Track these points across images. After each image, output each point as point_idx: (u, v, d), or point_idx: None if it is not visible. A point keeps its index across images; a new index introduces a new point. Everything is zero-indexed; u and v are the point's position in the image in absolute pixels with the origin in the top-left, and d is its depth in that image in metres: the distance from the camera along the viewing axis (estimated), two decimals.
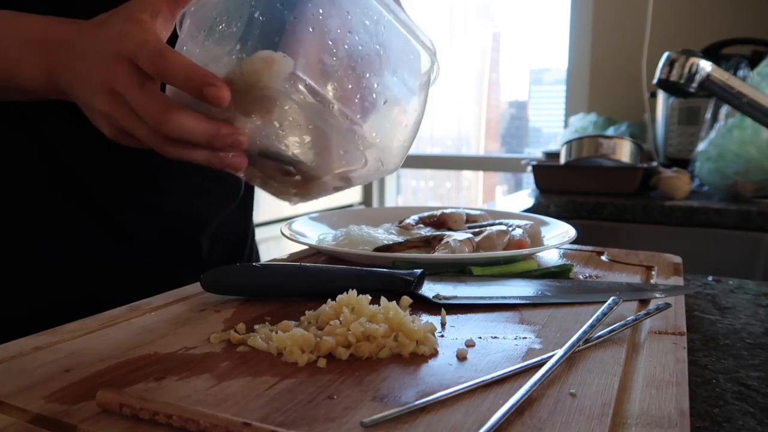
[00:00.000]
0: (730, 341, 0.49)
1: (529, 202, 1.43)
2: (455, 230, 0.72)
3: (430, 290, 0.52)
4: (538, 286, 0.54)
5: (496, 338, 0.43)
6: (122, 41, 0.41)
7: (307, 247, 0.68)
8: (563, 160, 1.53)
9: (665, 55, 0.98)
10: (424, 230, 0.74)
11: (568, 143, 1.53)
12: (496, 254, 0.62)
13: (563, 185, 1.54)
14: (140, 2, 0.43)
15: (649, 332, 0.44)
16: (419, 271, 0.53)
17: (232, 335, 0.42)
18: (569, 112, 2.16)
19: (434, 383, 0.35)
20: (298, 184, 0.47)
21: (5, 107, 0.56)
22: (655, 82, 1.01)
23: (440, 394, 0.33)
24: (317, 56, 0.41)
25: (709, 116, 1.50)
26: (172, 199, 0.67)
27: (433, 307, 0.49)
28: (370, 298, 0.43)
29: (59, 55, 0.46)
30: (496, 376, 0.35)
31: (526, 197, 1.50)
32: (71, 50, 0.45)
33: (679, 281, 0.60)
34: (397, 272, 0.52)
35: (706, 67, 0.95)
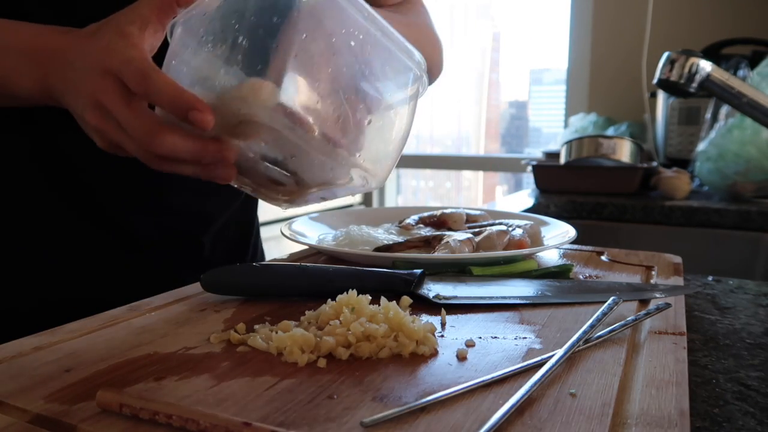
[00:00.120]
0: (730, 341, 0.49)
1: (529, 202, 1.43)
2: (455, 230, 0.72)
3: (430, 290, 0.52)
4: (538, 286, 0.54)
5: (496, 338, 0.43)
6: (109, 56, 0.41)
7: (307, 247, 0.68)
8: (563, 160, 1.53)
9: (665, 55, 0.98)
10: (424, 230, 0.74)
11: (568, 143, 1.53)
12: (496, 254, 0.62)
13: (563, 185, 1.54)
14: (130, 13, 0.43)
15: (649, 332, 0.44)
16: (419, 271, 0.53)
17: (232, 335, 0.42)
18: (569, 112, 2.16)
19: (434, 383, 0.35)
20: (287, 191, 0.48)
21: (7, 109, 0.56)
22: (655, 82, 1.01)
23: (440, 394, 0.33)
24: (301, 82, 0.41)
25: (709, 116, 1.50)
26: (174, 198, 0.67)
27: (433, 307, 0.49)
28: (370, 298, 0.43)
29: (52, 64, 0.45)
30: (496, 376, 0.35)
31: (526, 197, 1.50)
32: (63, 60, 0.45)
33: (679, 281, 0.60)
34: (397, 272, 0.52)
35: (706, 67, 0.95)
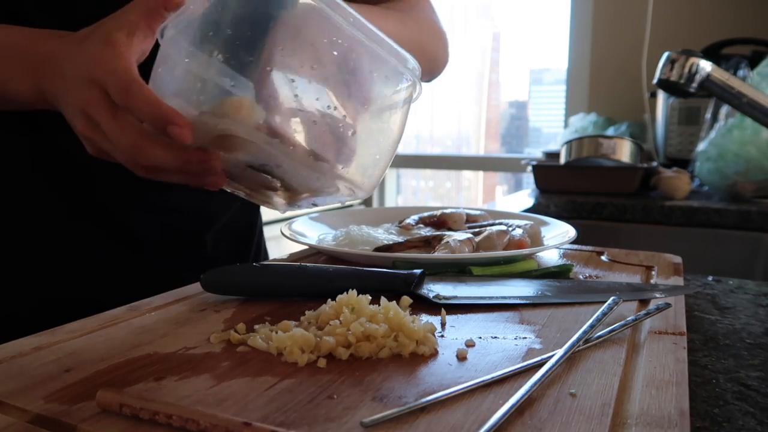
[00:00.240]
0: (730, 341, 0.49)
1: (529, 202, 1.43)
2: (455, 230, 0.72)
3: (430, 290, 0.52)
4: (538, 286, 0.54)
5: (496, 338, 0.43)
6: (95, 66, 0.41)
7: (307, 247, 0.68)
8: (563, 160, 1.53)
9: (665, 55, 0.98)
10: (424, 230, 0.74)
11: (568, 143, 1.53)
12: (496, 254, 0.62)
13: (563, 185, 1.54)
14: (118, 19, 0.43)
15: (649, 332, 0.44)
16: (419, 271, 0.53)
17: (232, 335, 0.42)
18: (569, 112, 2.16)
19: (434, 383, 0.35)
20: (281, 195, 0.47)
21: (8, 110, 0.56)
22: (655, 82, 1.01)
23: (440, 394, 0.33)
24: (281, 95, 0.40)
25: (709, 116, 1.50)
26: (176, 197, 0.67)
27: (433, 307, 0.49)
28: (370, 298, 0.43)
29: (45, 70, 0.45)
30: (496, 376, 0.35)
31: (526, 197, 1.50)
32: (55, 66, 0.45)
33: (679, 281, 0.60)
34: (397, 272, 0.52)
35: (706, 67, 0.95)
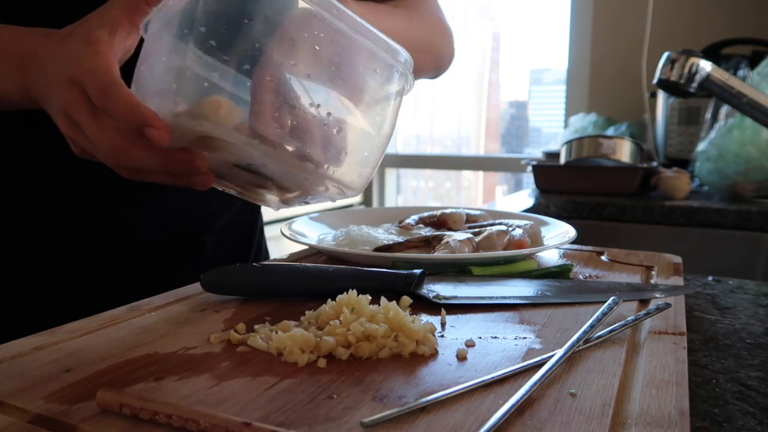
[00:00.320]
0: (730, 341, 0.49)
1: (529, 202, 1.43)
2: (455, 230, 0.72)
3: (430, 290, 0.52)
4: (538, 286, 0.54)
5: (496, 338, 0.43)
6: (75, 65, 0.40)
7: (307, 247, 0.68)
8: (563, 160, 1.53)
9: (665, 55, 0.98)
10: (424, 230, 0.74)
11: (568, 143, 1.53)
12: (496, 254, 0.62)
13: (563, 185, 1.54)
14: (100, 16, 0.42)
15: (649, 332, 0.44)
16: (419, 271, 0.53)
17: (232, 335, 0.42)
18: (569, 112, 2.16)
19: (434, 383, 0.35)
20: (273, 193, 0.47)
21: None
22: (655, 82, 1.01)
23: (440, 394, 0.33)
24: (262, 96, 0.39)
25: (709, 116, 1.50)
26: (175, 197, 0.67)
27: (433, 307, 0.49)
28: (370, 298, 0.43)
29: (29, 69, 0.45)
30: (496, 376, 0.35)
31: (526, 197, 1.50)
32: (38, 65, 0.44)
33: (679, 281, 0.60)
34: (397, 272, 0.52)
35: (706, 67, 0.95)
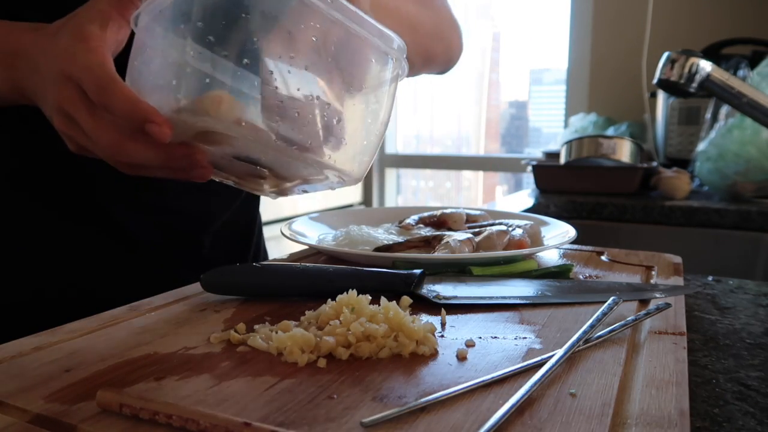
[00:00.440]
0: (730, 341, 0.49)
1: (529, 202, 1.43)
2: (455, 230, 0.72)
3: (430, 290, 0.52)
4: (538, 286, 0.54)
5: (496, 338, 0.43)
6: (69, 62, 0.40)
7: (307, 247, 0.68)
8: (563, 160, 1.53)
9: (665, 55, 0.98)
10: (424, 230, 0.74)
11: (568, 143, 1.53)
12: (496, 254, 0.62)
13: (563, 185, 1.54)
14: (88, 9, 0.41)
15: (649, 332, 0.44)
16: (419, 271, 0.53)
17: (232, 335, 0.42)
18: (569, 112, 2.16)
19: (434, 383, 0.35)
20: (270, 183, 0.47)
21: (3, 108, 0.56)
22: (655, 82, 1.01)
23: (440, 394, 0.33)
24: (261, 88, 0.39)
25: (709, 116, 1.50)
26: (173, 198, 0.67)
27: (433, 307, 0.49)
28: (370, 298, 0.43)
29: (19, 65, 0.44)
30: (496, 376, 0.35)
31: (526, 197, 1.50)
32: (29, 61, 0.44)
33: (679, 281, 0.60)
34: (397, 272, 0.52)
35: (706, 67, 0.95)
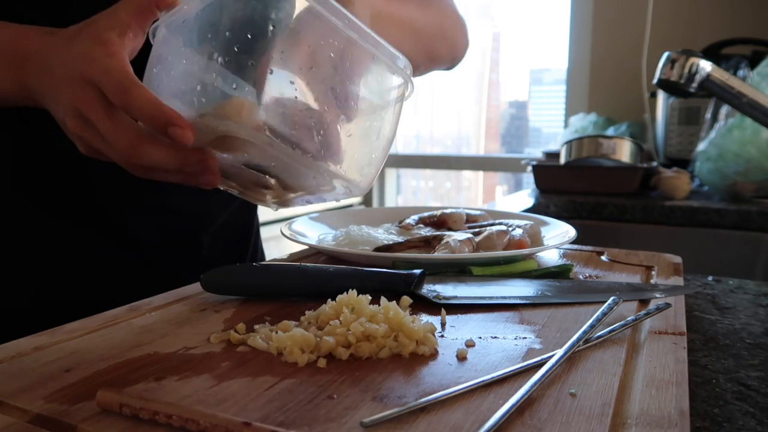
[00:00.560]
0: (730, 341, 0.49)
1: (529, 202, 1.43)
2: (455, 230, 0.72)
3: (430, 290, 0.52)
4: (538, 286, 0.54)
5: (496, 338, 0.43)
6: (88, 65, 0.40)
7: (307, 247, 0.68)
8: (563, 160, 1.53)
9: (665, 55, 0.98)
10: (424, 230, 0.74)
11: (568, 143, 1.53)
12: (496, 254, 0.62)
13: (563, 185, 1.54)
14: (109, 17, 0.42)
15: (649, 332, 0.44)
16: (419, 271, 0.53)
17: (232, 335, 0.42)
18: (569, 112, 2.16)
19: (434, 383, 0.35)
20: (273, 194, 0.48)
21: (3, 109, 0.56)
22: (655, 82, 1.01)
23: (440, 394, 0.33)
24: (278, 97, 0.41)
25: (709, 116, 1.50)
26: (173, 198, 0.67)
27: (433, 307, 0.49)
28: (370, 298, 0.43)
29: (30, 67, 0.45)
30: (496, 376, 0.35)
31: (526, 197, 1.50)
32: (42, 64, 0.44)
33: (679, 281, 0.60)
34: (397, 272, 0.52)
35: (706, 67, 0.95)
